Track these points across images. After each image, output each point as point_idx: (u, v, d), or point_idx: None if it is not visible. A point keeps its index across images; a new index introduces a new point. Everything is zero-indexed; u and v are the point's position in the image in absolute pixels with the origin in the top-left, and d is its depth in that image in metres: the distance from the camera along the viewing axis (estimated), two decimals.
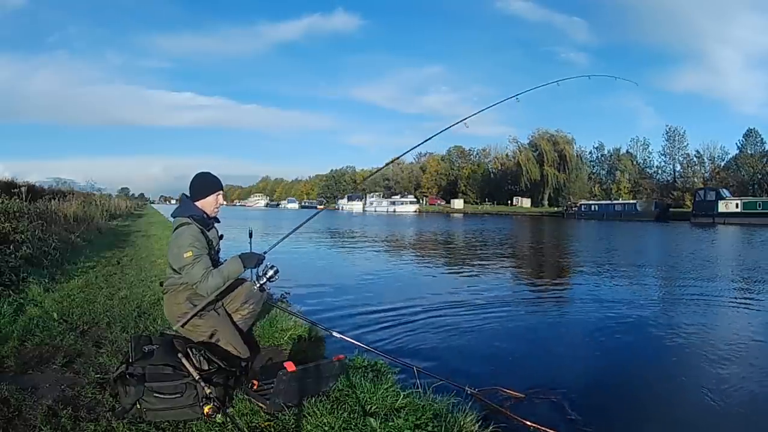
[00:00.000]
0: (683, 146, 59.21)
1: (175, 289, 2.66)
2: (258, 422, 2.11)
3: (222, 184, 2.89)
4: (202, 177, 2.85)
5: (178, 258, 2.56)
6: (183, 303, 2.64)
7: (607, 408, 2.81)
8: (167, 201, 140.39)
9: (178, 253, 2.57)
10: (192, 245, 2.56)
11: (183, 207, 2.75)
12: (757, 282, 7.49)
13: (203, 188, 2.80)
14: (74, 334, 3.20)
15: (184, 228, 2.61)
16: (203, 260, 2.59)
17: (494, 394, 2.74)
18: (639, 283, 7.49)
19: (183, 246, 2.56)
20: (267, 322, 3.54)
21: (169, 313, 2.73)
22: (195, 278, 2.55)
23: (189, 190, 2.82)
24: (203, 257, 2.60)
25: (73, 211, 11.33)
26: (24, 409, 2.16)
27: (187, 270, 2.55)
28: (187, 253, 2.54)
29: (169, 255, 2.66)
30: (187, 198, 2.80)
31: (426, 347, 3.81)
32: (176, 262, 2.59)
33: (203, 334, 2.63)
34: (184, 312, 2.62)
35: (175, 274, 2.65)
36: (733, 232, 23.46)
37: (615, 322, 4.72)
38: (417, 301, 5.57)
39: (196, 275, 2.55)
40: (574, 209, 46.56)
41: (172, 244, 2.64)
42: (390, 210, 60.71)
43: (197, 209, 2.74)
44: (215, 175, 2.88)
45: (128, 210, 28.82)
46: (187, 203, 2.77)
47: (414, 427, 2.06)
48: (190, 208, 2.72)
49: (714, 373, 3.30)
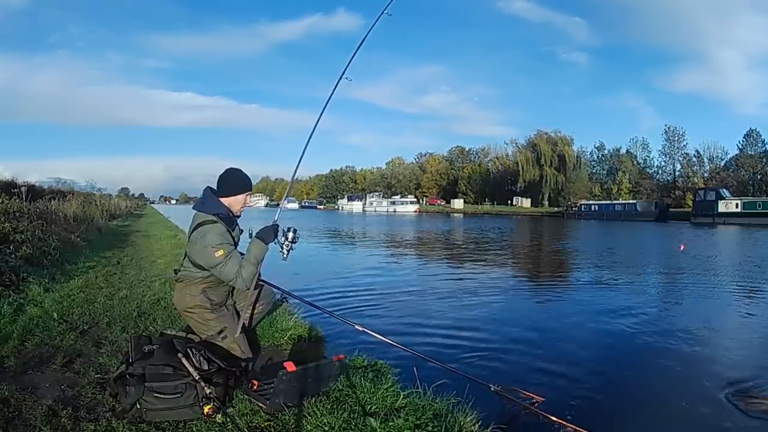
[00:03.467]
0: (683, 146, 59.33)
1: (191, 281, 2.64)
2: (258, 422, 2.11)
3: (252, 185, 2.83)
4: (234, 174, 2.77)
5: (209, 257, 2.52)
6: (198, 295, 2.62)
7: (617, 407, 2.81)
8: (167, 201, 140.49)
9: (206, 251, 2.52)
10: (222, 244, 2.53)
11: (208, 203, 2.68)
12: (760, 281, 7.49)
13: (234, 186, 2.73)
14: (74, 334, 3.20)
15: (210, 227, 2.56)
16: (235, 256, 2.56)
17: (515, 393, 2.73)
18: (640, 282, 7.49)
19: (212, 245, 2.51)
20: (267, 322, 3.54)
21: (179, 302, 2.71)
22: (230, 275, 2.53)
23: (217, 184, 2.73)
24: (234, 253, 2.58)
25: (73, 211, 11.34)
26: (24, 409, 2.16)
27: (220, 268, 2.52)
28: (219, 252, 2.51)
29: (192, 251, 2.60)
30: (212, 193, 2.72)
31: (436, 345, 3.81)
32: (205, 261, 2.55)
33: (213, 329, 2.62)
34: (196, 304, 2.61)
35: (193, 268, 2.62)
36: (734, 232, 23.47)
37: (620, 320, 4.71)
38: (418, 301, 5.57)
39: (230, 272, 2.52)
40: (574, 209, 46.57)
41: (197, 241, 2.57)
42: (390, 210, 60.70)
43: (223, 207, 2.67)
44: (246, 174, 2.81)
45: (128, 210, 28.81)
46: (212, 199, 2.69)
47: (414, 427, 2.06)
48: (216, 206, 2.66)
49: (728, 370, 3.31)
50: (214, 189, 2.74)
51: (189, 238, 2.68)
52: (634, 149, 63.93)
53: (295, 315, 3.85)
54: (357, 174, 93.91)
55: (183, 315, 2.75)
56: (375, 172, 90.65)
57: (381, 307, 5.26)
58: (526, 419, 2.56)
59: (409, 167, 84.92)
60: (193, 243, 2.61)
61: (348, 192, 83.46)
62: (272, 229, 2.67)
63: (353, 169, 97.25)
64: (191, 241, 2.62)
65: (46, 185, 16.61)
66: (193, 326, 2.70)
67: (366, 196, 72.73)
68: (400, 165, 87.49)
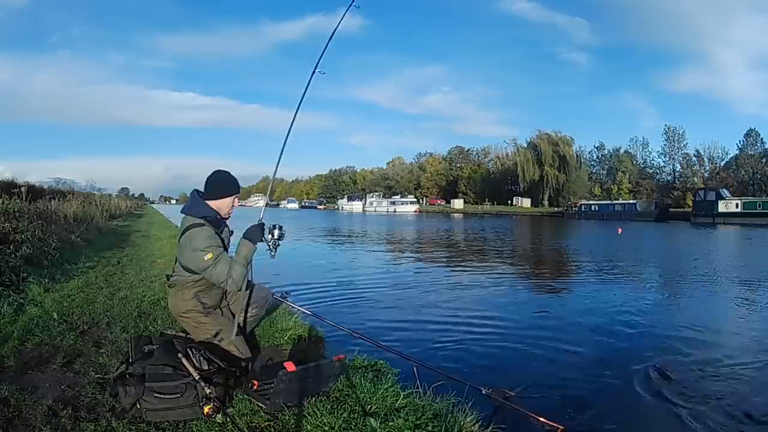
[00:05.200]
0: (682, 146, 59.28)
1: (183, 285, 2.65)
2: (258, 422, 2.11)
3: (240, 188, 2.82)
4: (221, 177, 2.75)
5: (198, 260, 2.53)
6: (190, 299, 2.63)
7: (605, 406, 2.82)
8: (167, 201, 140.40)
9: (195, 255, 2.53)
10: (210, 247, 2.53)
11: (195, 206, 2.66)
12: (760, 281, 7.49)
13: (221, 189, 2.72)
14: (74, 334, 3.20)
15: (198, 230, 2.56)
16: (224, 258, 2.57)
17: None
18: (639, 282, 7.49)
19: (201, 249, 2.51)
20: (267, 322, 3.54)
21: (173, 307, 2.73)
22: (220, 277, 2.53)
23: (204, 186, 2.72)
24: (223, 255, 2.58)
25: (73, 211, 11.34)
26: (24, 409, 2.16)
27: (210, 271, 2.53)
28: (207, 255, 2.51)
29: (182, 255, 2.61)
30: (198, 196, 2.71)
31: (437, 348, 3.81)
32: (195, 265, 2.55)
33: (208, 332, 2.63)
34: (190, 308, 2.62)
35: (184, 272, 2.63)
36: (734, 232, 23.45)
37: (617, 321, 4.72)
38: (418, 301, 5.57)
39: (221, 274, 2.53)
40: (574, 209, 46.53)
41: (186, 245, 2.57)
42: (390, 210, 60.63)
43: (210, 209, 2.67)
44: (234, 177, 2.80)
45: (128, 210, 28.81)
46: (199, 202, 2.67)
47: (414, 427, 2.06)
48: (203, 209, 2.65)
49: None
50: (201, 192, 2.73)
51: (178, 242, 2.67)
52: (634, 149, 64.00)
53: (295, 315, 3.85)
54: (357, 174, 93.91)
55: (178, 320, 2.75)
56: (375, 172, 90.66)
57: (378, 306, 5.26)
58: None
59: (409, 167, 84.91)
60: (182, 247, 2.60)
61: (348, 192, 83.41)
62: (259, 228, 2.66)
63: (353, 169, 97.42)
64: (180, 245, 2.62)
65: (46, 185, 16.52)
66: (189, 330, 2.70)
67: (366, 196, 72.68)
68: (400, 165, 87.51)
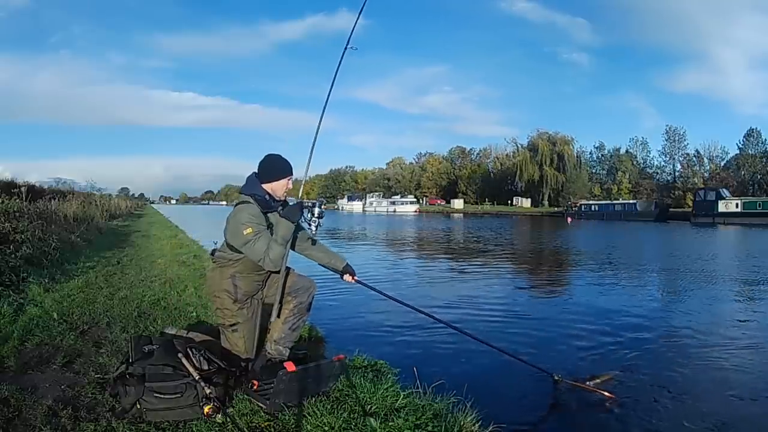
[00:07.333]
0: (683, 146, 59.34)
1: (224, 264, 2.62)
2: (258, 422, 2.11)
3: (292, 170, 2.77)
4: (272, 160, 2.73)
5: (238, 234, 2.50)
6: (227, 279, 2.60)
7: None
8: (167, 201, 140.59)
9: (236, 230, 2.51)
10: (250, 222, 2.50)
11: (249, 185, 2.68)
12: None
13: (271, 171, 2.70)
14: (74, 334, 3.20)
15: (244, 206, 2.56)
16: (264, 235, 2.52)
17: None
18: (640, 282, 7.50)
19: (242, 222, 2.50)
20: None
21: (210, 283, 2.73)
22: (259, 254, 2.49)
23: (258, 168, 2.72)
24: (264, 232, 2.53)
25: (73, 211, 11.35)
26: (24, 409, 2.15)
27: (249, 246, 2.49)
28: (247, 229, 2.48)
29: (227, 230, 2.60)
30: (255, 177, 2.70)
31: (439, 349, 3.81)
32: (236, 240, 2.53)
33: (227, 320, 2.60)
34: (224, 288, 2.60)
35: (227, 249, 2.61)
36: (734, 232, 23.45)
37: (616, 320, 4.72)
38: (418, 300, 5.56)
39: (259, 250, 2.49)
40: (574, 209, 46.54)
41: (230, 219, 2.57)
42: (390, 210, 60.66)
43: (261, 189, 2.65)
44: (286, 159, 2.77)
45: (128, 210, 28.84)
46: (253, 183, 2.67)
47: (414, 427, 2.06)
48: (255, 187, 2.64)
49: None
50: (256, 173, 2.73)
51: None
52: (634, 149, 64.04)
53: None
54: (357, 174, 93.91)
55: (211, 298, 2.77)
56: (375, 172, 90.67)
57: (378, 306, 5.25)
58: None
59: (409, 167, 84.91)
60: (227, 221, 2.61)
61: (348, 192, 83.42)
62: (297, 207, 2.63)
63: (353, 169, 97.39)
64: (227, 220, 2.63)
65: (46, 185, 16.54)
66: (214, 310, 2.72)
67: (366, 196, 72.70)
68: (401, 165, 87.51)
